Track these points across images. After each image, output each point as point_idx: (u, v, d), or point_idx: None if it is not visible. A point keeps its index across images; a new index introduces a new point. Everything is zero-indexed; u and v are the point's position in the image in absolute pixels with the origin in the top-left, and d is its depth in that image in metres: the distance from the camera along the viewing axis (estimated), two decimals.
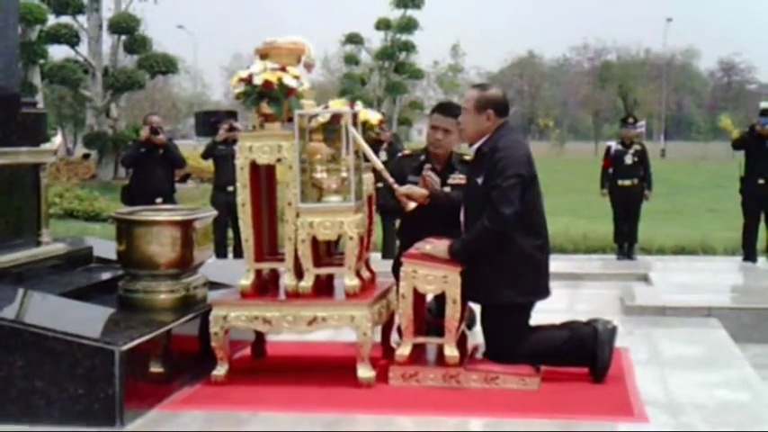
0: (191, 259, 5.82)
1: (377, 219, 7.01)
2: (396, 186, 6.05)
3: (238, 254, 10.92)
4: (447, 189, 6.33)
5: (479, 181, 5.61)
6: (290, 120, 5.60)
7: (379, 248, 12.04)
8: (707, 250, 14.22)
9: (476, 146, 5.75)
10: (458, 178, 6.35)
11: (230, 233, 11.88)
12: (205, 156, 12.64)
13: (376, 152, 10.98)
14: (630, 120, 13.23)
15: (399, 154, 7.01)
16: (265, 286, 5.82)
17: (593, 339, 5.54)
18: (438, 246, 5.59)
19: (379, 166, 5.91)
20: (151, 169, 11.42)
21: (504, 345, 5.57)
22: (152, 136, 11.33)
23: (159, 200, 10.79)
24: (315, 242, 5.57)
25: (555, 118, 71.77)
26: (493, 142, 5.63)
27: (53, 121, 38.56)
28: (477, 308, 6.07)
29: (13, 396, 4.80)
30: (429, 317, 6.08)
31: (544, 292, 5.71)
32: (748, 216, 11.99)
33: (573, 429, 4.75)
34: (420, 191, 6.12)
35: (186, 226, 5.77)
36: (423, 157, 6.60)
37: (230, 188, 11.11)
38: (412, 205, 6.03)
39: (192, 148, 35.14)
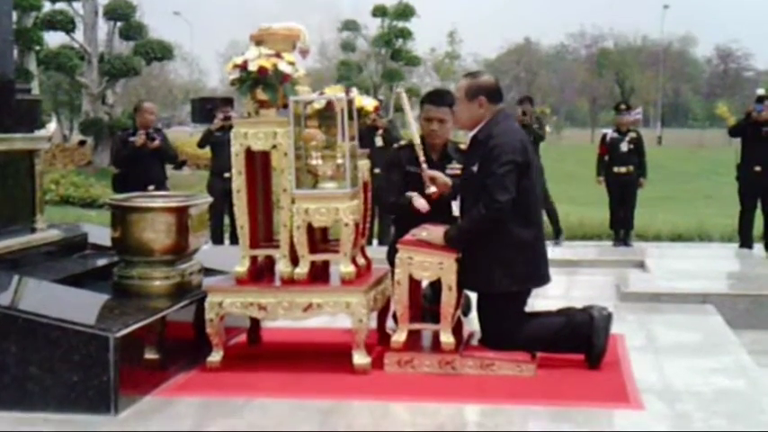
0: (186, 246, 5.80)
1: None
2: (424, 167, 6.12)
3: (235, 240, 10.86)
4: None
5: (474, 169, 5.60)
6: (286, 106, 5.58)
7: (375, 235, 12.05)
8: (703, 237, 14.21)
9: (471, 134, 5.75)
10: (455, 168, 6.35)
11: (227, 219, 11.86)
12: (201, 144, 12.60)
13: (371, 139, 11.05)
14: (623, 106, 13.21)
15: (396, 145, 7.00)
16: (261, 273, 5.81)
17: (588, 326, 5.53)
18: (434, 232, 5.59)
19: (417, 140, 6.18)
20: (143, 157, 11.34)
21: (500, 332, 5.56)
22: (148, 142, 11.21)
23: (151, 187, 10.73)
24: (310, 229, 5.56)
25: (552, 105, 71.69)
26: (488, 130, 5.62)
27: (49, 107, 38.54)
28: (473, 295, 6.07)
29: (7, 383, 4.80)
30: (424, 303, 6.07)
31: (541, 279, 5.70)
32: (744, 203, 11.98)
33: (568, 416, 4.74)
34: (444, 179, 6.14)
35: (181, 212, 5.75)
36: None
37: (227, 175, 11.01)
38: (433, 189, 6.05)
39: (188, 134, 35.07)
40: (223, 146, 11.27)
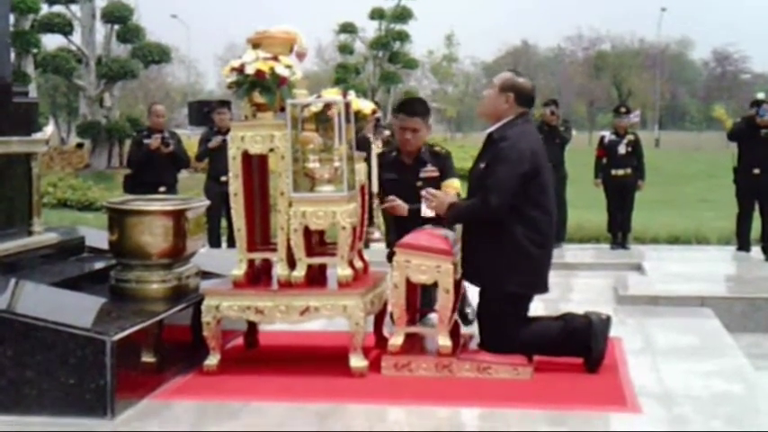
0: (183, 249, 5.80)
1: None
2: (381, 201, 6.54)
3: (232, 243, 10.92)
4: (419, 183, 6.44)
5: (482, 166, 5.63)
6: (283, 109, 5.58)
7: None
8: (701, 240, 14.21)
9: (489, 130, 5.75)
10: (429, 171, 6.49)
11: (224, 222, 11.88)
12: (200, 158, 12.61)
13: (369, 145, 11.07)
14: (623, 109, 13.19)
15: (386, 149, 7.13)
16: (258, 276, 5.80)
17: (586, 331, 5.53)
18: (441, 204, 5.69)
19: (375, 189, 6.55)
20: (154, 159, 11.41)
21: (498, 335, 5.55)
22: (162, 147, 11.32)
23: (162, 189, 10.81)
24: (307, 232, 5.55)
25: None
26: (503, 131, 5.63)
27: (47, 110, 38.55)
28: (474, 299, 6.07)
29: (4, 386, 4.78)
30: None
31: (541, 287, 5.69)
32: (742, 206, 11.97)
33: (565, 419, 4.73)
34: (401, 206, 6.51)
35: (178, 216, 5.74)
36: (394, 153, 6.72)
37: (224, 178, 11.12)
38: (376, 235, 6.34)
39: (186, 137, 34.95)
40: (220, 150, 11.35)
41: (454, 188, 6.50)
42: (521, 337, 5.54)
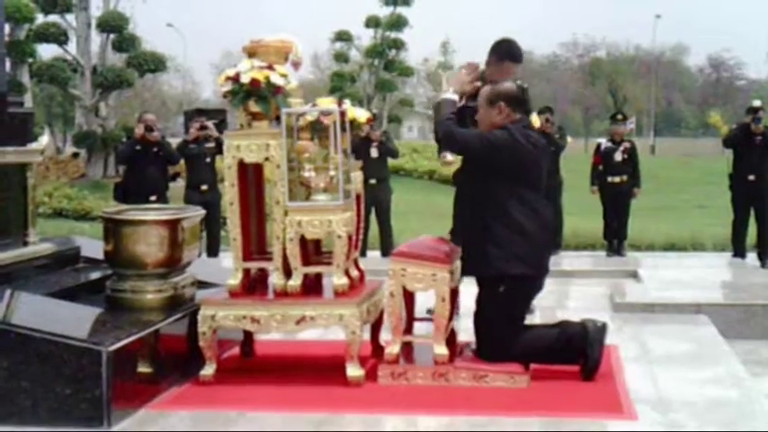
0: (178, 258, 5.80)
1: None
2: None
3: (211, 252, 10.87)
4: None
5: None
6: (278, 118, 5.59)
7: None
8: (696, 246, 14.24)
9: None
10: None
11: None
12: (179, 151, 12.59)
13: (367, 151, 11.07)
14: (619, 116, 13.22)
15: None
16: (254, 285, 5.80)
17: (582, 338, 5.53)
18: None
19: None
20: (145, 167, 11.40)
21: (495, 343, 5.52)
22: (146, 133, 11.33)
23: (153, 197, 10.81)
24: (303, 241, 5.56)
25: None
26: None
27: (42, 120, 38.54)
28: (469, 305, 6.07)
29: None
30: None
31: (541, 268, 5.65)
32: (738, 212, 11.99)
33: (562, 427, 4.74)
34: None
35: (174, 225, 5.74)
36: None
37: (204, 187, 11.25)
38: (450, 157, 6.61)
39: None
40: (198, 158, 11.47)
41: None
42: (517, 344, 5.54)
